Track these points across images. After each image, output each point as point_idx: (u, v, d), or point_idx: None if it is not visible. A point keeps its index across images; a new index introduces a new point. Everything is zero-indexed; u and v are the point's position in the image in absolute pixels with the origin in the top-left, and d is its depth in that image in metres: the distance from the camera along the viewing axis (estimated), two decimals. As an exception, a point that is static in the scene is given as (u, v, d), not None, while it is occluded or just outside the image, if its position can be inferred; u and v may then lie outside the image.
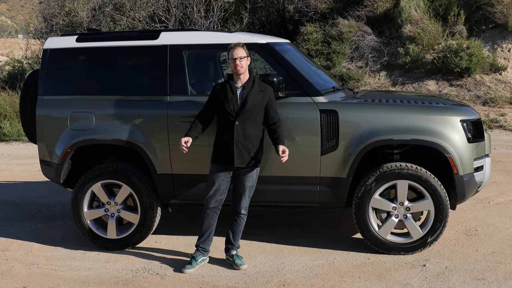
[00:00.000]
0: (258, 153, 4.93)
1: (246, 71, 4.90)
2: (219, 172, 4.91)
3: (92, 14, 17.37)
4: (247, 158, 4.86)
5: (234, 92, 4.86)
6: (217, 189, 4.92)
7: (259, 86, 4.89)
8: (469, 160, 5.08)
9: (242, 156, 4.84)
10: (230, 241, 5.05)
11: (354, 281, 4.68)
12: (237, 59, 4.81)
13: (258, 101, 4.85)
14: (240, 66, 4.82)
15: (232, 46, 4.89)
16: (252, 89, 4.85)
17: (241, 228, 5.04)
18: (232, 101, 4.84)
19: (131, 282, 4.85)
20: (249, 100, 4.82)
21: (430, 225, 5.09)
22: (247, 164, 4.87)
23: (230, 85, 4.89)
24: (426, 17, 14.53)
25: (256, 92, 4.86)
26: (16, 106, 14.01)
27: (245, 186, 4.92)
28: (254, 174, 4.95)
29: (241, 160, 4.85)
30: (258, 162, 4.95)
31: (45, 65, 5.71)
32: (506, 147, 10.37)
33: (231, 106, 4.83)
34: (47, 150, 5.68)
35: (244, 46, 4.91)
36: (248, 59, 4.89)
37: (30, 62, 19.39)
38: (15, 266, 5.30)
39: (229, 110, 4.83)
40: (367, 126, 5.08)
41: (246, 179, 4.91)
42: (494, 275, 4.68)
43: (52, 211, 7.14)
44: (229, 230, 5.04)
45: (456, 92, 13.56)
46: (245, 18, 16.34)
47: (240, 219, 4.99)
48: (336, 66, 14.48)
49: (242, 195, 4.93)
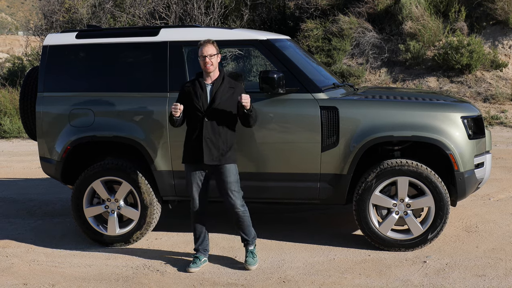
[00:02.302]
0: (230, 150, 4.83)
1: (216, 69, 4.84)
2: (193, 172, 4.87)
3: (92, 11, 17.34)
4: (217, 155, 4.77)
5: (203, 89, 4.82)
6: (196, 190, 4.88)
7: (228, 83, 4.85)
8: (470, 156, 5.07)
9: (212, 153, 4.76)
10: (243, 238, 4.98)
11: (354, 278, 4.68)
12: (206, 56, 4.74)
13: (228, 97, 4.80)
14: (210, 64, 4.76)
15: (202, 43, 4.81)
16: (221, 86, 4.81)
17: (248, 223, 4.95)
18: (201, 97, 4.79)
19: (132, 278, 4.85)
20: (218, 96, 4.77)
21: (431, 221, 5.09)
22: (218, 161, 4.78)
23: (200, 82, 4.84)
24: (426, 13, 14.51)
25: (226, 89, 4.81)
26: (16, 103, 14.01)
27: (226, 182, 4.81)
28: (232, 169, 4.84)
29: (211, 157, 4.77)
30: (231, 159, 4.84)
31: (45, 61, 5.70)
32: (507, 144, 10.36)
33: (200, 103, 4.78)
34: (47, 147, 5.68)
35: (214, 43, 4.83)
36: (218, 56, 4.83)
37: (30, 59, 19.37)
38: (16, 263, 5.30)
39: (198, 107, 4.78)
40: (367, 123, 5.07)
41: (225, 175, 4.81)
42: (494, 272, 4.68)
43: (52, 208, 7.14)
44: (237, 229, 5.00)
45: (456, 88, 13.54)
46: (245, 14, 16.32)
47: (241, 217, 4.90)
48: (337, 63, 14.46)
49: (229, 192, 4.83)
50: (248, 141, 5.19)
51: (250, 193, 5.19)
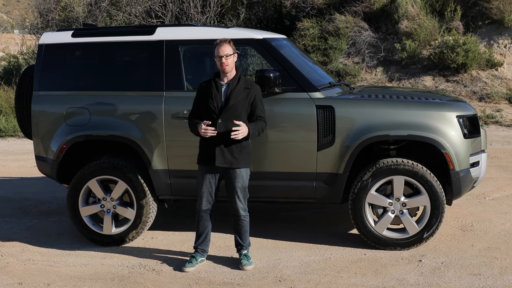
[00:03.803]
0: (243, 153, 4.76)
1: (233, 69, 4.78)
2: (206, 174, 4.82)
3: (88, 9, 17.29)
4: (230, 158, 4.72)
5: (218, 89, 4.75)
6: (206, 191, 4.84)
7: (244, 83, 4.78)
8: (465, 155, 5.09)
9: (224, 155, 4.71)
10: (238, 242, 4.96)
11: (350, 277, 4.68)
12: (223, 57, 4.67)
13: (242, 98, 4.73)
14: (226, 64, 4.69)
15: (218, 42, 4.72)
16: (236, 86, 4.73)
17: (246, 229, 4.94)
18: (216, 98, 4.72)
19: (127, 278, 4.84)
20: (232, 97, 4.70)
21: (426, 220, 5.10)
22: (230, 164, 4.73)
23: (215, 82, 4.77)
24: (422, 13, 14.53)
25: (241, 89, 4.74)
26: (11, 101, 13.97)
27: (234, 188, 4.79)
28: (242, 175, 4.80)
29: (223, 160, 4.72)
30: (244, 162, 4.79)
31: (40, 60, 5.69)
32: (502, 143, 10.39)
33: (214, 104, 4.71)
34: (43, 146, 5.66)
35: (230, 42, 4.76)
36: (234, 56, 4.75)
37: (26, 58, 19.32)
38: (11, 262, 5.29)
39: (212, 108, 4.71)
40: (363, 122, 5.07)
41: (234, 180, 4.78)
42: (489, 270, 4.69)
43: (48, 207, 7.13)
44: (235, 232, 4.98)
45: (452, 88, 13.57)
46: (241, 13, 16.30)
47: (241, 221, 4.90)
48: (333, 62, 14.47)
49: (235, 197, 4.82)
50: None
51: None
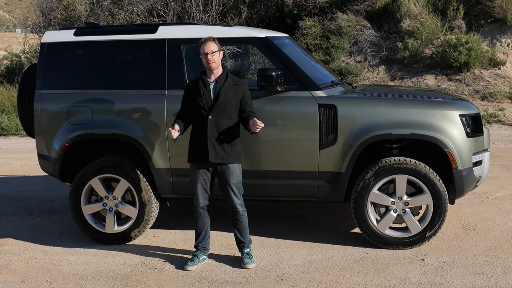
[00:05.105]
0: (234, 148, 4.81)
1: (219, 66, 4.82)
2: (198, 170, 4.84)
3: (90, 8, 17.31)
4: (222, 153, 4.76)
5: (207, 87, 4.78)
6: (201, 188, 4.86)
7: (232, 80, 4.81)
8: (468, 154, 5.08)
9: (217, 151, 4.75)
10: (239, 239, 4.96)
11: (352, 276, 4.68)
12: (208, 53, 4.71)
13: (232, 95, 4.77)
14: (212, 61, 4.73)
15: (203, 40, 4.77)
16: (225, 83, 4.77)
17: (245, 224, 4.95)
18: (205, 95, 4.76)
19: (129, 276, 4.84)
20: (222, 93, 4.74)
21: (429, 219, 5.09)
22: (222, 159, 4.77)
23: (203, 80, 4.80)
24: (425, 11, 14.51)
25: (230, 86, 4.78)
26: (14, 100, 14.00)
27: (229, 184, 4.81)
28: (236, 170, 4.83)
29: (216, 155, 4.75)
30: (236, 157, 4.83)
31: (42, 59, 5.69)
32: (505, 142, 10.38)
33: (204, 101, 4.75)
34: (45, 144, 5.67)
35: (215, 40, 4.80)
36: (220, 53, 4.79)
37: (28, 56, 19.35)
38: (13, 260, 5.29)
39: (202, 105, 4.75)
40: (365, 121, 5.07)
41: (228, 176, 4.80)
42: (492, 270, 4.68)
43: (50, 205, 7.14)
44: (234, 229, 4.98)
45: (455, 86, 13.55)
46: (243, 12, 16.30)
47: (239, 216, 4.91)
48: (335, 61, 14.46)
49: (230, 193, 4.83)
50: (246, 139, 5.19)
51: (248, 191, 5.17)
